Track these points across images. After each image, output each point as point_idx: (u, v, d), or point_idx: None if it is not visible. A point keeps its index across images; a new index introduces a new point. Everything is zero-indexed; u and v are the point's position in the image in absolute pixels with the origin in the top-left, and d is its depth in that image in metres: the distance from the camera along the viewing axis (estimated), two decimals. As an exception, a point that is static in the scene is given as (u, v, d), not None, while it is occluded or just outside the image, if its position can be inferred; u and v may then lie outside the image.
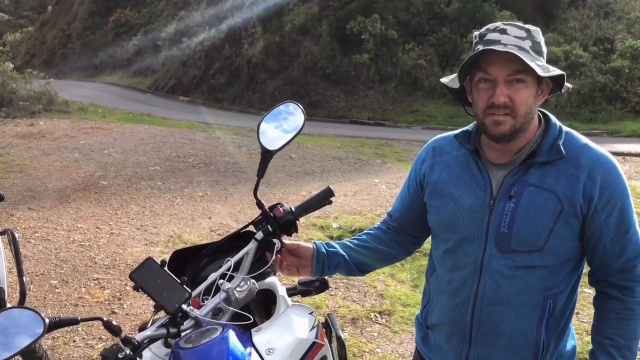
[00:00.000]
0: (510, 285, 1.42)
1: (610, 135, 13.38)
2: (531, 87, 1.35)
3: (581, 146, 1.41)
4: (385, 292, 4.21)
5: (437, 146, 1.59)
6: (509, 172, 1.42)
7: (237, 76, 21.57)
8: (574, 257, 1.44)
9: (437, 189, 1.53)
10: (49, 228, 5.45)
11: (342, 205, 6.38)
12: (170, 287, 1.35)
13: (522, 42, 1.34)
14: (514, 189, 1.41)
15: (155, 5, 34.64)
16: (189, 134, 11.38)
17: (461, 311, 1.50)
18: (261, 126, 1.58)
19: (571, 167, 1.38)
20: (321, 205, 1.62)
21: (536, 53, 1.35)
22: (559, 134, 1.41)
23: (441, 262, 1.57)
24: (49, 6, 48.09)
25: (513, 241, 1.40)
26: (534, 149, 1.41)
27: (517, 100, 1.34)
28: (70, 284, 4.27)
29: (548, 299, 1.43)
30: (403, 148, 11.45)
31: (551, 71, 1.33)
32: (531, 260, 1.40)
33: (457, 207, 1.48)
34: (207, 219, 5.88)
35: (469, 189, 1.47)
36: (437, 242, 1.59)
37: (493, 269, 1.43)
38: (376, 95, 17.95)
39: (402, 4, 19.14)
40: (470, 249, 1.46)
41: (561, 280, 1.44)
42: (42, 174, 7.46)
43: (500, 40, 1.35)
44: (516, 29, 1.36)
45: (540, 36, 1.38)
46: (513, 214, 1.40)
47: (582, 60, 15.81)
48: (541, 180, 1.39)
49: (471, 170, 1.48)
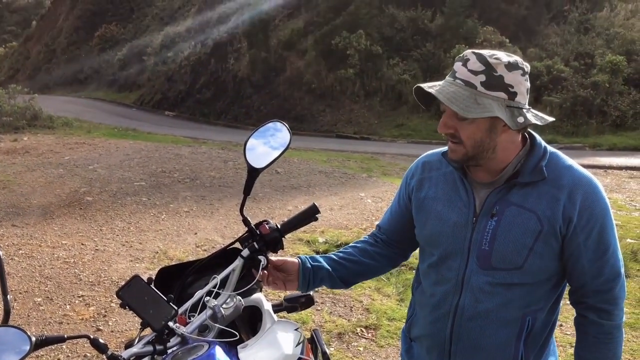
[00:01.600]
0: (490, 301, 1.45)
1: (592, 148, 13.59)
2: (479, 122, 1.37)
3: (565, 167, 1.43)
4: (371, 306, 4.22)
5: (427, 162, 1.63)
6: (492, 190, 1.45)
7: (223, 91, 21.61)
8: (553, 276, 1.46)
9: (425, 204, 1.57)
10: (33, 245, 5.40)
11: (328, 219, 6.40)
12: (156, 305, 1.35)
13: (475, 77, 1.35)
14: (496, 208, 1.44)
15: (140, 20, 34.67)
16: (174, 149, 11.35)
17: (441, 325, 1.53)
18: (248, 144, 1.60)
19: (552, 188, 1.41)
20: (307, 222, 1.65)
21: (487, 87, 1.35)
22: (543, 155, 1.44)
23: (425, 276, 1.60)
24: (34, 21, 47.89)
25: (493, 258, 1.43)
26: (517, 169, 1.44)
27: (462, 134, 1.40)
28: (55, 301, 4.23)
29: (527, 316, 1.46)
30: (388, 162, 11.52)
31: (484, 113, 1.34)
32: (510, 277, 1.44)
33: (442, 223, 1.51)
34: (193, 235, 5.87)
35: (454, 206, 1.50)
36: (423, 256, 1.63)
37: (473, 285, 1.46)
38: (361, 109, 18.08)
39: (386, 19, 19.36)
40: (453, 265, 1.50)
41: (540, 298, 1.47)
42: (26, 190, 7.40)
43: (456, 72, 1.39)
44: (475, 62, 1.37)
45: (504, 69, 1.35)
46: (494, 232, 1.43)
47: (563, 74, 16.07)
48: (523, 200, 1.42)
49: (457, 188, 1.51)
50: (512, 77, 1.36)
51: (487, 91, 1.35)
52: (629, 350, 3.64)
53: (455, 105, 1.34)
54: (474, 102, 1.34)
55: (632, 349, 3.66)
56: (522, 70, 1.38)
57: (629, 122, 14.89)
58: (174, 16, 31.01)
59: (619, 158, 12.03)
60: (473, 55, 1.38)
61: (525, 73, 1.39)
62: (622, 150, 13.39)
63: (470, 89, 1.35)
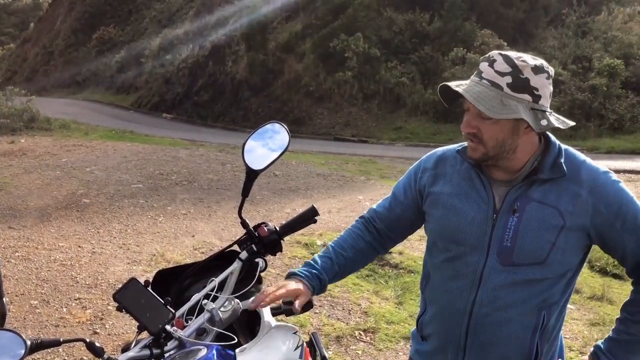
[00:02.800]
0: (509, 297, 1.46)
1: (589, 151, 13.58)
2: (503, 123, 1.39)
3: (580, 163, 1.47)
4: (370, 309, 4.21)
5: (441, 157, 1.62)
6: (512, 187, 1.47)
7: (221, 93, 21.60)
8: (570, 270, 1.48)
9: (440, 200, 1.57)
10: (29, 247, 5.37)
11: (327, 222, 6.38)
12: (153, 308, 1.34)
13: (501, 78, 1.37)
14: (517, 204, 1.45)
15: (138, 22, 34.66)
16: (172, 151, 11.33)
17: (457, 320, 1.53)
18: (246, 146, 1.59)
19: (573, 184, 1.43)
20: (306, 224, 1.64)
21: (514, 89, 1.37)
22: (559, 152, 1.46)
23: (438, 270, 1.60)
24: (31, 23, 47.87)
25: (515, 255, 1.44)
26: (535, 166, 1.45)
27: (484, 134, 1.41)
28: (51, 304, 4.21)
29: (542, 310, 1.47)
30: (387, 165, 11.51)
31: (510, 115, 1.35)
32: (532, 273, 1.45)
33: (460, 218, 1.51)
34: (191, 237, 5.85)
35: (472, 202, 1.51)
36: (435, 251, 1.61)
37: (493, 281, 1.47)
38: (359, 112, 18.08)
39: (384, 22, 19.38)
40: (471, 260, 1.50)
41: (556, 292, 1.48)
42: (23, 192, 7.36)
43: (482, 73, 1.40)
44: (502, 63, 1.39)
45: (530, 72, 1.37)
46: (516, 228, 1.44)
47: (561, 78, 16.10)
48: (543, 197, 1.44)
49: (474, 184, 1.52)
50: (538, 80, 1.38)
51: (513, 93, 1.37)
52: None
53: (482, 105, 1.35)
54: (499, 103, 1.35)
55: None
56: (547, 74, 1.40)
57: (626, 125, 14.93)
58: (172, 19, 31.02)
59: (616, 161, 12.05)
60: (500, 56, 1.40)
61: (550, 77, 1.41)
62: (620, 154, 13.41)
63: (497, 90, 1.37)
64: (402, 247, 5.29)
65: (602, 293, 4.70)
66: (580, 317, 4.27)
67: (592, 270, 5.27)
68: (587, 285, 4.88)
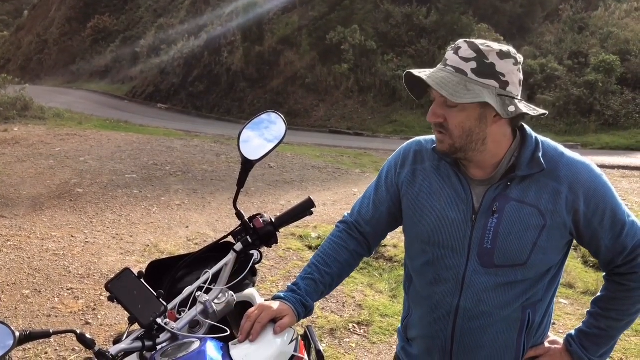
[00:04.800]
0: (492, 300, 1.43)
1: (584, 147, 13.63)
2: (471, 109, 1.34)
3: (558, 156, 1.41)
4: (364, 302, 4.20)
5: (418, 151, 1.56)
6: (490, 187, 1.42)
7: (216, 84, 21.50)
8: (553, 267, 1.45)
9: (419, 199, 1.51)
10: (22, 236, 5.33)
11: (321, 214, 6.37)
12: (146, 300, 1.32)
13: (466, 63, 1.33)
14: (496, 204, 1.40)
15: (134, 12, 34.42)
16: (166, 141, 11.28)
17: (442, 326, 1.50)
18: (242, 135, 1.56)
19: (552, 181, 1.38)
20: (302, 216, 1.61)
21: (478, 75, 1.32)
22: (537, 145, 1.41)
23: (420, 275, 1.55)
24: (25, 11, 47.46)
25: (497, 257, 1.41)
26: (512, 162, 1.40)
27: (450, 123, 1.36)
28: (43, 294, 4.18)
29: (527, 309, 1.45)
30: (382, 158, 11.50)
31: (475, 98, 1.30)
32: (514, 274, 1.41)
33: (439, 220, 1.46)
34: (185, 228, 5.82)
35: (452, 202, 1.46)
36: (414, 253, 1.56)
37: (475, 285, 1.43)
38: (355, 105, 18.04)
39: (381, 15, 19.31)
40: (452, 264, 1.46)
41: (539, 290, 1.45)
42: (15, 181, 7.31)
43: (447, 60, 1.36)
44: (467, 49, 1.34)
45: (496, 57, 1.33)
46: (496, 230, 1.40)
47: (557, 73, 16.11)
48: (523, 195, 1.39)
49: (452, 183, 1.47)
50: (504, 66, 1.33)
51: (478, 78, 1.32)
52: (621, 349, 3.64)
53: (445, 89, 1.31)
54: (463, 88, 1.30)
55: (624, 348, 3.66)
56: (515, 60, 1.35)
57: (621, 121, 14.96)
58: (167, 8, 30.81)
59: (611, 157, 12.08)
60: (465, 43, 1.36)
61: (518, 63, 1.36)
62: (615, 150, 13.45)
63: (461, 76, 1.32)
64: (396, 240, 5.28)
65: (595, 288, 4.70)
66: (574, 312, 4.27)
67: (585, 266, 5.28)
68: (581, 280, 4.88)
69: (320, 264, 1.57)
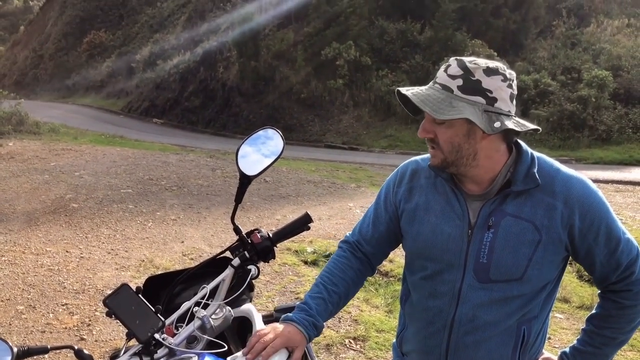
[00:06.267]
0: (488, 315, 1.44)
1: (578, 162, 13.71)
2: (459, 126, 1.36)
3: (554, 171, 1.42)
4: (360, 317, 4.19)
5: (415, 170, 1.58)
6: (486, 202, 1.43)
7: (212, 99, 21.57)
8: (549, 283, 1.46)
9: (416, 215, 1.53)
10: (16, 252, 5.31)
11: (317, 229, 6.36)
12: (143, 315, 1.32)
13: (452, 81, 1.35)
14: (492, 219, 1.41)
15: (130, 27, 34.58)
16: (162, 156, 11.28)
17: (437, 340, 1.50)
18: (240, 151, 1.58)
19: (547, 196, 1.39)
20: (299, 231, 1.62)
21: (464, 91, 1.34)
22: (532, 161, 1.42)
23: (417, 289, 1.56)
24: (22, 26, 47.60)
25: (492, 271, 1.41)
26: (508, 177, 1.41)
27: (440, 138, 1.39)
28: (38, 310, 4.15)
29: (522, 325, 1.45)
30: (377, 172, 11.53)
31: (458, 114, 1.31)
32: (510, 289, 1.42)
33: (435, 235, 1.47)
34: (180, 243, 5.80)
35: (447, 218, 1.47)
36: (413, 269, 1.57)
37: (471, 299, 1.44)
38: (350, 120, 18.12)
39: (375, 31, 19.48)
40: (448, 278, 1.47)
41: (535, 307, 1.46)
42: (10, 196, 7.29)
43: (437, 78, 1.39)
44: (455, 67, 1.36)
45: (482, 74, 1.34)
46: (492, 245, 1.41)
47: (550, 88, 16.24)
48: (518, 210, 1.40)
49: (448, 199, 1.48)
50: (491, 82, 1.34)
51: (464, 95, 1.33)
52: None
53: (428, 106, 1.33)
54: (448, 105, 1.32)
55: None
56: (503, 76, 1.36)
57: (614, 136, 15.07)
58: (163, 24, 30.99)
59: (605, 172, 12.15)
60: (455, 61, 1.38)
61: (507, 79, 1.36)
62: (608, 164, 13.53)
63: (447, 92, 1.35)
64: (392, 255, 5.26)
65: (591, 302, 4.71)
66: (570, 327, 4.27)
67: (580, 280, 5.29)
68: (576, 294, 4.89)
69: (328, 284, 1.57)
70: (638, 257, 1.45)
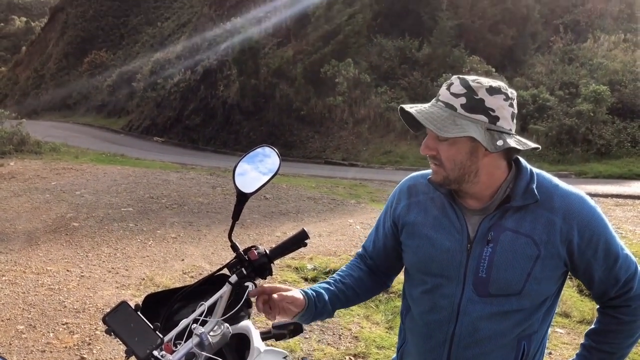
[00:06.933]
0: (487, 329, 1.44)
1: (577, 176, 13.73)
2: (462, 143, 1.38)
3: (553, 187, 1.44)
4: (360, 334, 4.18)
5: (413, 185, 1.61)
6: (485, 216, 1.44)
7: (212, 117, 21.69)
8: (549, 298, 1.47)
9: (415, 230, 1.55)
10: (17, 271, 5.32)
11: (317, 246, 6.37)
12: (142, 332, 1.33)
13: (456, 99, 1.38)
14: (491, 234, 1.43)
15: (130, 47, 34.86)
16: (162, 174, 11.31)
17: (437, 354, 1.51)
18: (237, 169, 1.60)
19: (546, 212, 1.41)
20: (296, 247, 1.63)
21: (467, 110, 1.36)
22: (531, 177, 1.44)
23: (417, 303, 1.57)
24: (23, 47, 47.97)
25: (491, 286, 1.42)
26: (507, 193, 1.43)
27: (442, 156, 1.41)
28: (38, 329, 4.15)
29: (522, 341, 1.46)
30: (377, 188, 11.54)
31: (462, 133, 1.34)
32: (509, 304, 1.43)
33: (435, 249, 1.49)
34: (180, 261, 5.81)
35: (446, 232, 1.48)
36: (413, 283, 1.59)
37: (470, 313, 1.45)
38: (350, 136, 18.20)
39: (374, 49, 19.64)
40: (448, 292, 1.48)
41: (535, 322, 1.47)
42: (11, 216, 7.31)
43: (440, 96, 1.41)
44: (458, 85, 1.39)
45: (485, 93, 1.37)
46: (491, 259, 1.42)
47: (549, 103, 16.32)
48: (518, 225, 1.42)
49: (447, 213, 1.50)
50: (493, 101, 1.37)
51: (467, 113, 1.36)
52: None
53: (432, 124, 1.36)
54: (452, 123, 1.35)
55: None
56: (505, 96, 1.38)
57: (613, 150, 15.11)
58: (164, 43, 31.23)
59: (604, 186, 12.15)
60: (457, 79, 1.40)
61: (509, 99, 1.39)
62: (607, 178, 13.54)
63: (450, 111, 1.37)
64: (392, 271, 5.27)
65: (591, 317, 4.70)
66: (571, 342, 4.27)
67: (581, 295, 5.28)
68: (577, 309, 4.88)
69: (335, 278, 1.70)
70: (636, 273, 1.46)
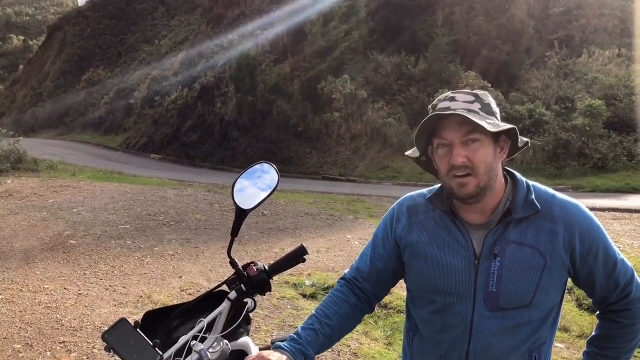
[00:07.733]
0: (501, 344, 1.45)
1: (575, 190, 13.76)
2: (487, 145, 1.40)
3: (550, 197, 1.47)
4: (359, 350, 4.16)
5: (412, 205, 1.60)
6: (489, 231, 1.45)
7: (210, 134, 21.73)
8: (554, 307, 1.50)
9: (418, 250, 1.53)
10: (13, 290, 5.29)
11: (315, 261, 6.35)
12: (142, 349, 1.33)
13: (471, 105, 1.42)
14: (497, 248, 1.44)
15: (128, 64, 35.01)
16: (159, 191, 11.30)
17: None
18: (236, 185, 1.60)
19: (548, 222, 1.44)
20: (294, 263, 1.64)
21: (486, 113, 1.42)
22: (528, 189, 1.46)
23: (426, 324, 1.56)
24: (21, 65, 48.15)
25: (502, 299, 1.43)
26: (507, 206, 1.45)
27: (475, 159, 1.39)
28: (35, 348, 4.12)
29: (533, 352, 1.48)
30: (374, 203, 11.55)
31: (501, 126, 1.40)
32: (520, 316, 1.44)
33: (442, 268, 1.48)
34: (178, 278, 5.79)
35: (452, 250, 1.48)
36: (420, 304, 1.57)
37: (484, 329, 1.45)
38: (347, 152, 18.24)
39: (371, 65, 19.77)
40: (459, 310, 1.47)
41: (543, 332, 1.49)
42: (8, 234, 7.28)
43: (450, 106, 1.42)
44: (464, 95, 1.44)
45: (489, 98, 1.46)
46: (500, 273, 1.43)
47: (545, 118, 16.40)
48: (522, 237, 1.43)
49: (450, 231, 1.50)
50: (494, 106, 1.46)
51: (486, 115, 1.42)
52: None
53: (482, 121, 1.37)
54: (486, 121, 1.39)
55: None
56: (494, 102, 1.49)
57: (610, 164, 15.16)
58: (161, 61, 31.38)
59: (601, 199, 12.18)
60: (455, 93, 1.45)
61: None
62: (605, 192, 13.57)
63: (475, 114, 1.41)
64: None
65: (590, 331, 4.68)
66: (570, 356, 4.25)
67: (580, 309, 5.27)
68: (576, 323, 4.87)
69: (321, 316, 1.57)
70: (633, 276, 1.50)
